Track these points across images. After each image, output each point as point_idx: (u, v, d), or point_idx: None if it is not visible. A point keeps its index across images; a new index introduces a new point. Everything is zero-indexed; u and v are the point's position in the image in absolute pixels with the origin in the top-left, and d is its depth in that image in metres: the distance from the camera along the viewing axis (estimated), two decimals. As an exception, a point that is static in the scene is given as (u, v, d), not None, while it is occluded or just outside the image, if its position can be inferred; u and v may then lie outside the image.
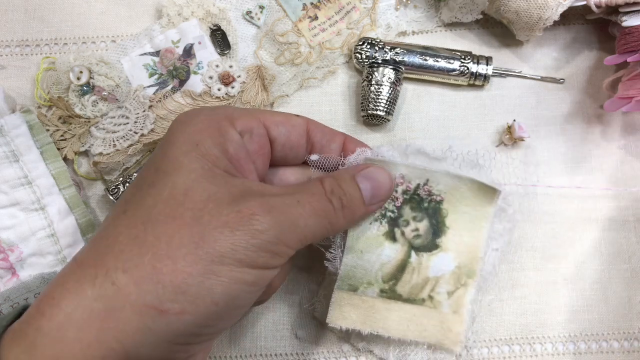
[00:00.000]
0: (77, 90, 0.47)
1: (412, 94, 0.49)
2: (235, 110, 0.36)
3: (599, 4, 0.45)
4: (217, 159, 0.33)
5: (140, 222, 0.30)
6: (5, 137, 0.44)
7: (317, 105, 0.49)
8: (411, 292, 0.39)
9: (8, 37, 0.51)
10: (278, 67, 0.49)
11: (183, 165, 0.32)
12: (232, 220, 0.30)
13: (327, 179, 0.35)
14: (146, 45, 0.49)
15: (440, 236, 0.39)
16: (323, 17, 0.50)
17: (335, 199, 0.34)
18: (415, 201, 0.39)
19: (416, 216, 0.39)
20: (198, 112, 0.35)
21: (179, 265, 0.29)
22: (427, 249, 0.39)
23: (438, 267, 0.39)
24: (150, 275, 0.29)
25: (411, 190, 0.39)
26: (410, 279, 0.39)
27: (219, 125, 0.34)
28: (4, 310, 0.40)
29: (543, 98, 0.49)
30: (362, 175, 0.36)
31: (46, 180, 0.44)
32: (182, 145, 0.32)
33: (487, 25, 0.51)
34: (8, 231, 0.42)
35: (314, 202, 0.33)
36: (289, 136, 0.38)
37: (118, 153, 0.46)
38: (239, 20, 0.50)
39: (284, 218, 0.31)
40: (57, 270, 0.42)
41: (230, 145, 0.34)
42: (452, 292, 0.39)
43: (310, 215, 0.33)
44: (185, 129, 0.33)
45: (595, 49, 0.50)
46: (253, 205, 0.31)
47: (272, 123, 0.37)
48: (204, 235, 0.30)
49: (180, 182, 0.31)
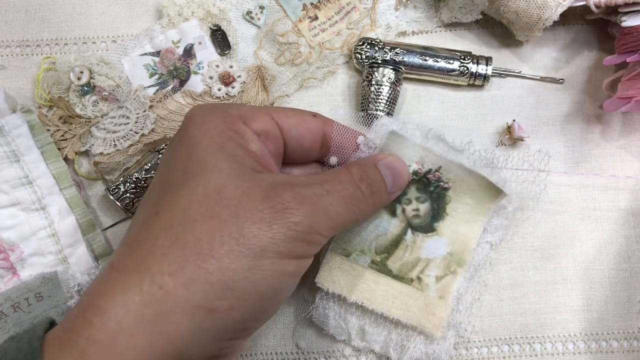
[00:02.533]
0: (78, 90, 0.47)
1: (412, 94, 0.49)
2: (249, 110, 0.36)
3: (599, 4, 0.45)
4: (242, 158, 0.33)
5: (177, 223, 0.31)
6: (6, 137, 0.44)
7: (317, 105, 0.50)
8: (401, 269, 0.40)
9: (8, 37, 0.51)
10: (278, 67, 0.49)
11: (212, 165, 0.32)
12: (267, 215, 0.31)
13: (354, 167, 0.36)
14: (146, 46, 0.49)
15: (439, 221, 0.41)
16: (323, 17, 0.50)
17: (364, 186, 0.35)
18: (422, 183, 0.40)
19: (420, 197, 0.41)
20: (213, 111, 0.35)
21: (224, 263, 0.29)
22: (423, 230, 0.41)
23: (431, 250, 0.41)
24: (197, 276, 0.29)
25: (422, 173, 0.40)
26: (403, 255, 0.41)
27: (236, 125, 0.34)
28: (4, 310, 0.40)
29: (543, 98, 0.49)
30: (383, 164, 0.37)
31: (47, 180, 0.44)
32: (207, 147, 0.33)
33: (487, 25, 0.51)
34: (9, 231, 0.42)
35: (343, 190, 0.34)
36: (301, 140, 0.38)
37: (118, 153, 0.46)
38: (239, 20, 0.50)
39: (316, 208, 0.32)
40: (58, 270, 0.42)
41: (252, 145, 0.34)
42: (440, 278, 0.40)
43: (341, 204, 0.34)
44: (206, 131, 0.34)
45: (594, 49, 0.50)
46: (285, 198, 0.31)
47: (285, 124, 0.37)
48: (243, 231, 0.30)
49: (212, 182, 0.32)
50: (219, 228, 0.30)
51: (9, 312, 0.40)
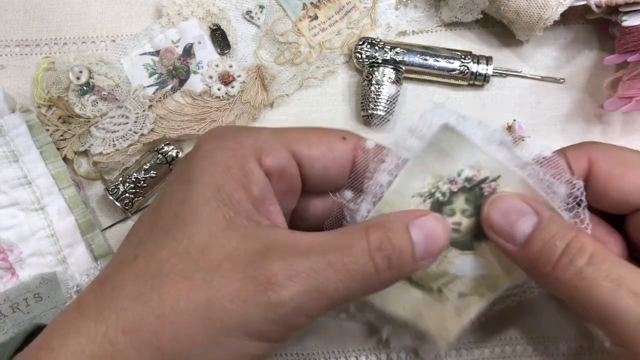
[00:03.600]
0: (77, 90, 0.47)
1: (412, 94, 0.49)
2: (266, 140, 0.32)
3: (599, 3, 0.45)
4: (240, 205, 0.29)
5: (149, 275, 0.28)
6: (5, 137, 0.43)
7: (317, 105, 0.49)
8: (422, 278, 0.35)
9: (8, 37, 0.50)
10: (278, 67, 0.49)
11: (203, 215, 0.29)
12: (245, 287, 0.27)
13: (375, 230, 0.29)
14: (146, 45, 0.49)
15: (481, 240, 0.34)
16: (323, 16, 0.50)
17: (380, 258, 0.29)
18: (474, 193, 0.33)
19: (466, 210, 0.33)
20: (226, 139, 0.31)
21: (181, 333, 0.27)
22: (459, 246, 0.34)
23: (462, 268, 0.34)
24: (150, 341, 0.27)
25: (476, 181, 0.33)
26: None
27: (244, 162, 0.30)
28: (3, 311, 0.40)
29: (543, 98, 0.49)
30: (417, 225, 0.30)
31: (46, 180, 0.44)
32: (204, 190, 0.29)
33: (487, 25, 0.51)
34: (8, 231, 0.42)
35: (351, 264, 0.28)
36: (326, 173, 0.33)
37: (118, 153, 0.46)
38: (239, 19, 0.50)
39: (309, 286, 0.27)
40: (57, 271, 0.42)
41: (255, 187, 0.30)
42: (464, 295, 0.35)
43: (343, 280, 0.28)
44: (209, 166, 0.30)
45: (595, 49, 0.50)
46: (271, 269, 0.27)
47: (306, 159, 0.32)
48: (212, 302, 0.27)
49: (198, 236, 0.29)
50: (188, 293, 0.27)
51: (7, 312, 0.40)
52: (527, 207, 0.31)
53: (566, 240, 0.29)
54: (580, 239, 0.29)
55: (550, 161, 0.33)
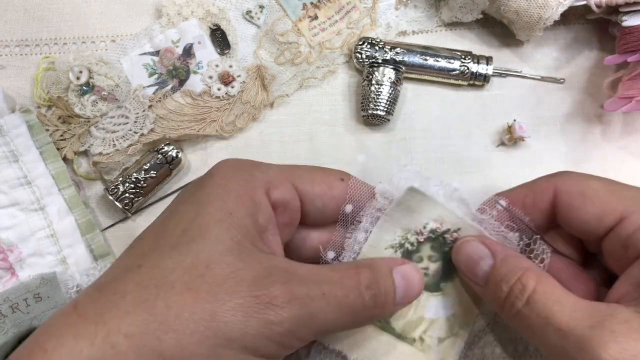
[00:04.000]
0: (77, 90, 0.47)
1: (412, 94, 0.49)
2: (275, 176, 0.34)
3: (599, 3, 0.45)
4: (247, 231, 0.31)
5: (153, 284, 0.29)
6: (5, 137, 0.43)
7: (317, 105, 0.49)
8: (404, 329, 0.38)
9: (7, 37, 0.50)
10: (278, 67, 0.49)
11: (212, 234, 0.30)
12: (247, 304, 0.29)
13: (364, 271, 0.32)
14: (146, 45, 0.49)
15: (447, 281, 0.38)
16: (323, 16, 0.50)
17: (369, 295, 0.31)
18: (438, 242, 0.37)
19: (432, 256, 0.38)
20: (238, 170, 0.34)
21: (183, 341, 0.28)
22: (429, 288, 0.38)
23: (435, 310, 0.38)
24: (152, 346, 0.28)
25: (439, 232, 0.37)
26: (407, 313, 0.38)
27: (254, 193, 0.33)
28: (3, 311, 0.40)
29: (543, 98, 0.49)
30: (400, 272, 0.34)
31: (46, 180, 0.44)
32: (215, 212, 0.31)
33: (487, 25, 0.51)
34: (8, 231, 0.42)
35: (343, 297, 0.31)
36: (324, 209, 0.36)
37: (118, 153, 0.46)
38: (238, 19, 0.50)
39: (304, 312, 0.29)
40: (57, 271, 0.42)
41: (262, 217, 0.32)
42: (442, 339, 0.38)
43: (334, 310, 0.30)
44: (223, 193, 0.32)
45: (595, 49, 0.50)
46: (273, 291, 0.29)
47: (309, 195, 0.35)
48: (215, 314, 0.28)
49: (206, 252, 0.30)
50: (192, 304, 0.28)
51: (7, 312, 0.40)
52: (485, 250, 0.34)
53: (510, 284, 0.32)
54: (523, 280, 0.31)
55: (506, 210, 0.37)
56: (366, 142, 0.48)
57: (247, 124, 0.48)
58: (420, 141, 0.48)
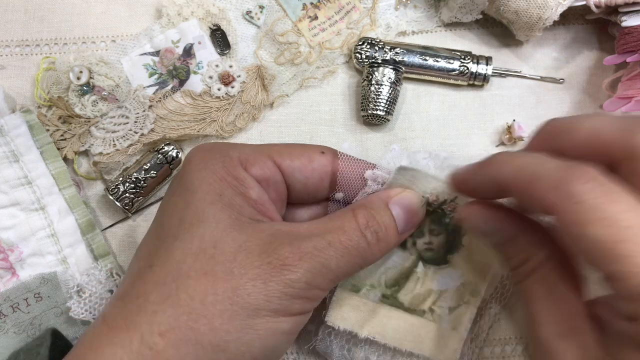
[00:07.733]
0: (77, 90, 0.47)
1: (412, 94, 0.49)
2: (250, 152, 0.35)
3: (599, 4, 0.45)
4: (241, 207, 0.32)
5: (170, 278, 0.30)
6: (5, 137, 0.44)
7: (317, 105, 0.49)
8: (412, 302, 0.38)
9: (8, 37, 0.51)
10: (278, 67, 0.49)
11: (209, 216, 0.31)
12: (263, 271, 0.30)
13: (360, 211, 0.33)
14: (146, 45, 0.49)
15: (453, 253, 0.38)
16: (323, 17, 0.50)
17: (370, 233, 0.33)
18: (437, 215, 0.37)
19: (434, 229, 0.38)
20: (213, 153, 0.34)
21: (216, 323, 0.29)
22: (435, 262, 0.38)
23: (443, 282, 0.38)
24: (188, 337, 0.28)
25: (437, 204, 0.37)
26: (414, 288, 0.38)
27: (236, 172, 0.33)
28: (3, 311, 0.40)
29: (543, 98, 0.49)
30: (395, 202, 0.34)
31: (46, 180, 0.44)
32: (205, 196, 0.32)
33: (487, 25, 0.51)
34: (8, 231, 0.42)
35: (347, 241, 0.32)
36: (307, 183, 0.36)
37: (118, 153, 0.46)
38: (238, 20, 0.50)
39: (316, 263, 0.31)
40: (57, 271, 0.42)
41: (252, 192, 0.33)
42: (453, 309, 0.38)
43: (343, 255, 0.32)
44: (205, 177, 0.33)
45: (595, 49, 0.50)
46: (283, 253, 0.30)
47: (288, 168, 0.35)
48: (237, 289, 0.29)
49: (208, 234, 0.31)
50: (213, 286, 0.29)
51: (8, 312, 0.40)
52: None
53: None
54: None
55: None
56: (366, 142, 0.48)
57: (247, 124, 0.48)
58: (420, 141, 0.48)
